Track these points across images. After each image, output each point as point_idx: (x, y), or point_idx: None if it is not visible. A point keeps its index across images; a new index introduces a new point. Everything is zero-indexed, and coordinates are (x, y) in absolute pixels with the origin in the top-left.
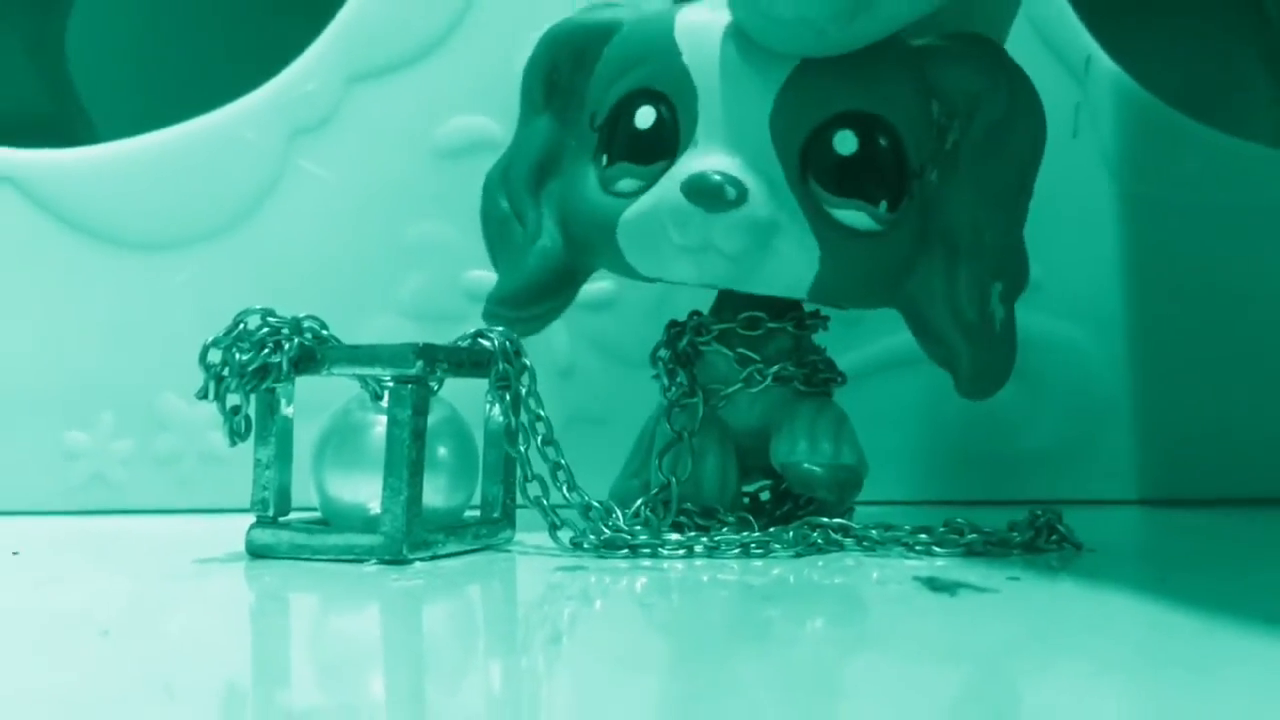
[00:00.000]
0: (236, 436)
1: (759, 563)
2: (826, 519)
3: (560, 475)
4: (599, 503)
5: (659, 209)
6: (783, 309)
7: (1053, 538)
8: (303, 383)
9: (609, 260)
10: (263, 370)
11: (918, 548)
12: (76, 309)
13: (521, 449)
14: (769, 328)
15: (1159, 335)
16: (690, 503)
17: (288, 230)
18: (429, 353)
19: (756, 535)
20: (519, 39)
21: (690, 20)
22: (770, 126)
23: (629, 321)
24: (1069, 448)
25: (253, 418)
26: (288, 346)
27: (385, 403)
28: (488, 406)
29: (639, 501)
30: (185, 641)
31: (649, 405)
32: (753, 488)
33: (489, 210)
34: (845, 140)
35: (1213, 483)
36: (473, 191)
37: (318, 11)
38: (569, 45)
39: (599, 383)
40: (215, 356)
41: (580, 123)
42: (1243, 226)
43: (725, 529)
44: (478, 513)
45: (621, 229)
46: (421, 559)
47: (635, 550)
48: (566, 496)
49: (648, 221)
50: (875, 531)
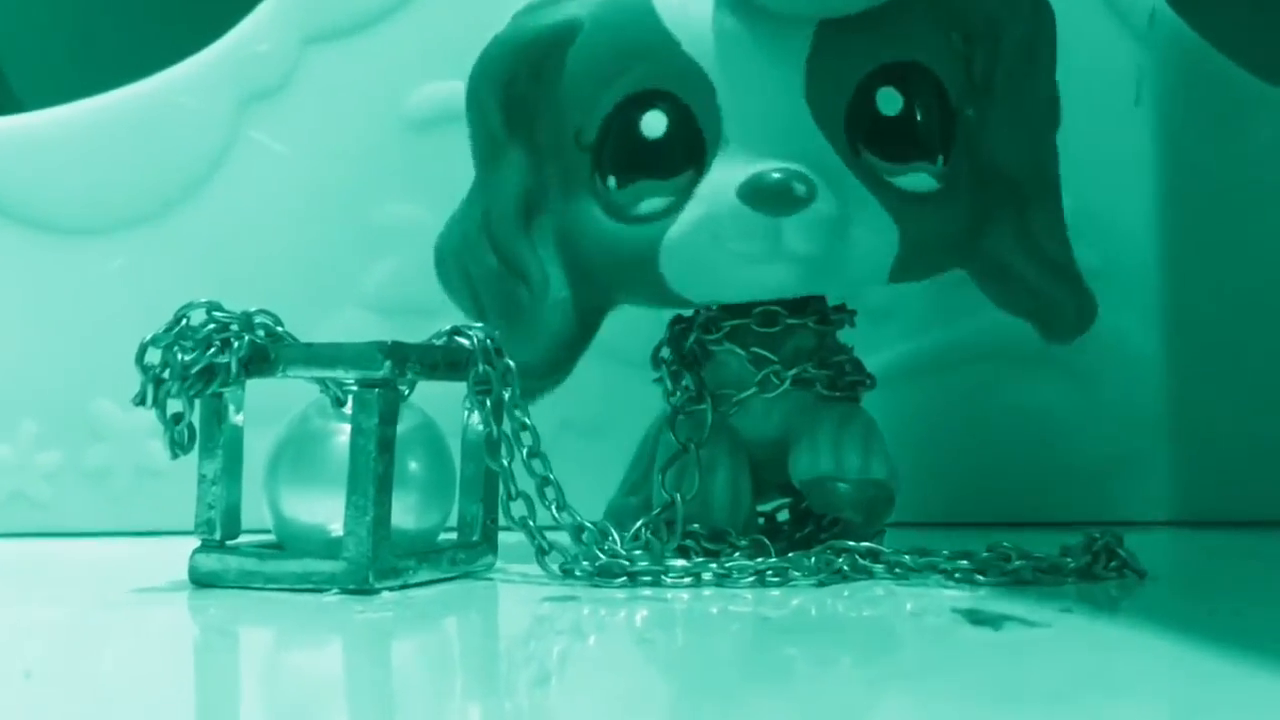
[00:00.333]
0: (178, 448)
1: (776, 592)
2: (853, 543)
3: (549, 492)
4: (593, 524)
5: (714, 222)
6: (802, 302)
7: (1112, 564)
8: (254, 386)
9: (644, 293)
10: (208, 372)
11: (957, 575)
12: None
13: (504, 462)
14: (788, 324)
15: (1207, 336)
16: (697, 524)
17: (236, 211)
18: (398, 352)
19: (773, 561)
20: None
21: (674, 2)
22: (808, 101)
23: (627, 316)
24: (1124, 461)
25: (197, 426)
26: (237, 345)
27: (348, 409)
28: (466, 414)
29: (639, 522)
30: (120, 684)
31: (650, 412)
32: (769, 507)
33: (474, 272)
34: (889, 99)
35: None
36: (447, 167)
37: None
38: (522, 59)
39: (593, 386)
40: (154, 356)
41: (560, 145)
42: None
43: (737, 554)
44: (454, 535)
45: (666, 255)
46: (390, 588)
47: (634, 578)
48: (556, 516)
49: (700, 239)
50: (909, 557)
